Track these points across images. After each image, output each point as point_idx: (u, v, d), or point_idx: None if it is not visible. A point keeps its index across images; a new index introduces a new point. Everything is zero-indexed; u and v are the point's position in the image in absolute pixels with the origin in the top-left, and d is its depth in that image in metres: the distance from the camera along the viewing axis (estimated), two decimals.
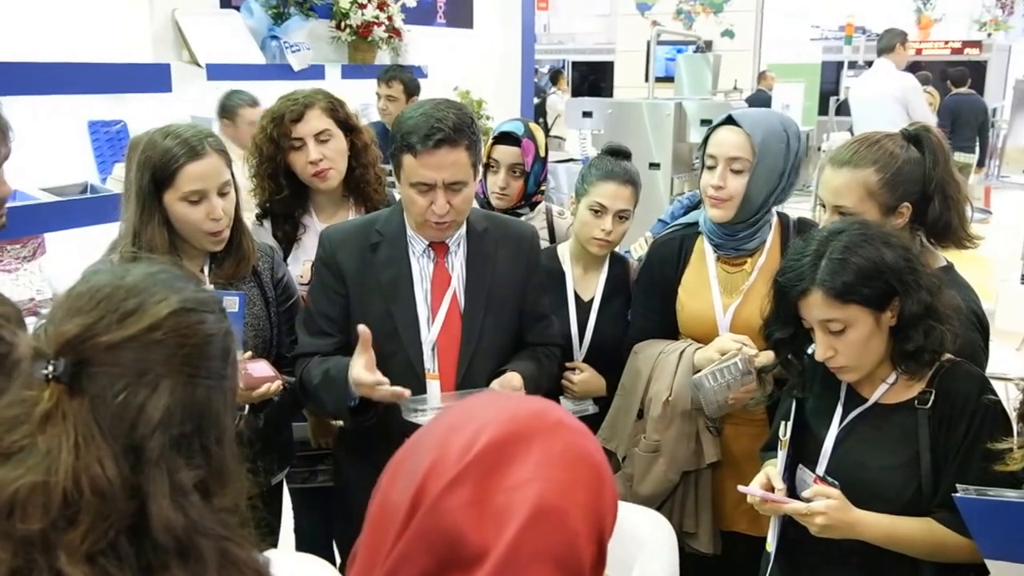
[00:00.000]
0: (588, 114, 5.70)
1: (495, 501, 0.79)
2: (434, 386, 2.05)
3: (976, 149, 9.80)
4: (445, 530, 0.78)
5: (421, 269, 2.08)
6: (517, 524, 0.77)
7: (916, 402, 1.70)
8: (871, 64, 7.04)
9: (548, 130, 11.44)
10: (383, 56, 4.93)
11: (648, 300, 2.35)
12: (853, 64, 10.34)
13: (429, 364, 2.06)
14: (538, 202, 2.77)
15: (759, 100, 9.75)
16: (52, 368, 0.90)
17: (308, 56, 4.25)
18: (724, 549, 2.28)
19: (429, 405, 1.98)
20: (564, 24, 16.67)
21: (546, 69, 14.61)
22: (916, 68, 9.75)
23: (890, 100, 6.40)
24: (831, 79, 11.04)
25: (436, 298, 2.07)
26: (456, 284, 2.09)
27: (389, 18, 4.72)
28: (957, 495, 1.47)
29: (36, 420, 0.90)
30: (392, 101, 4.51)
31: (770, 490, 1.76)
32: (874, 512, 1.67)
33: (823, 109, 9.51)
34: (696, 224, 2.30)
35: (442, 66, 5.29)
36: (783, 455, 1.80)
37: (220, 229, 2.01)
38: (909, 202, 1.91)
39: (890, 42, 6.64)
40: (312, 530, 2.70)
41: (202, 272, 2.07)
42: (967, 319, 1.81)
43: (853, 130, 6.76)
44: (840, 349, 1.68)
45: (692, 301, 2.26)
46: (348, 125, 2.48)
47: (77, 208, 2.80)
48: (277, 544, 2.38)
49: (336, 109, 2.45)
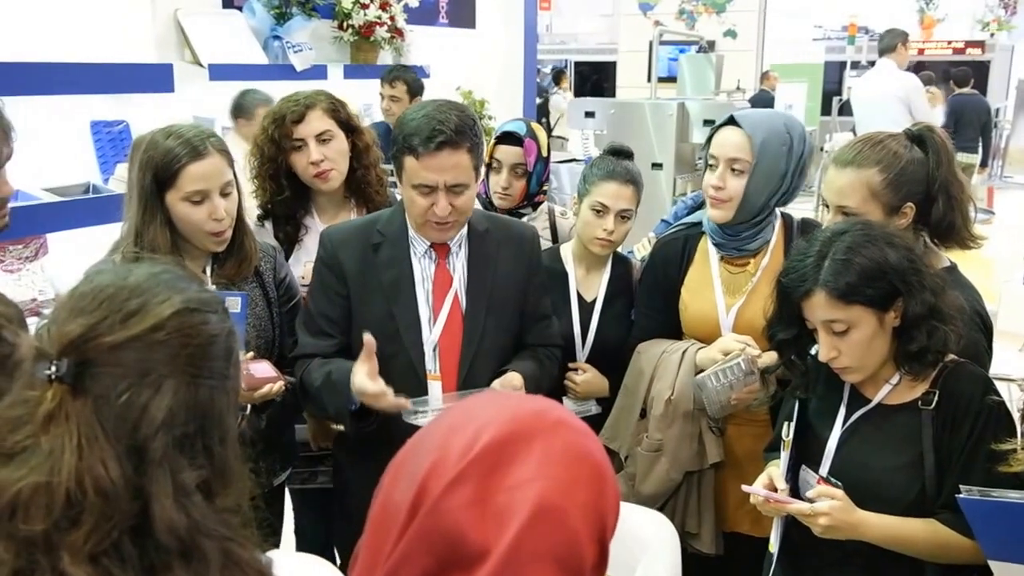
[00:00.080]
0: (591, 114, 5.69)
1: (496, 501, 0.78)
2: (435, 387, 2.05)
3: (979, 149, 9.80)
4: (446, 530, 0.78)
5: (423, 270, 2.07)
6: (518, 524, 0.77)
7: (920, 403, 1.70)
8: (874, 64, 7.03)
9: (551, 130, 11.45)
10: (385, 56, 4.93)
11: (651, 300, 2.35)
12: (856, 64, 10.34)
13: (430, 365, 2.06)
14: (540, 202, 2.77)
15: (762, 100, 9.76)
16: (55, 368, 0.90)
17: (310, 56, 4.25)
18: (726, 550, 2.28)
19: (430, 407, 1.97)
20: (567, 24, 16.67)
21: (548, 69, 14.62)
22: (919, 68, 9.75)
23: (892, 100, 6.39)
24: (834, 79, 11.04)
25: (438, 299, 2.07)
26: (458, 285, 2.08)
27: (391, 18, 4.71)
28: (960, 496, 1.47)
29: (39, 420, 0.90)
30: (395, 101, 4.52)
31: (773, 491, 1.76)
32: (877, 513, 1.67)
33: (826, 109, 9.52)
34: (700, 224, 2.30)
35: (444, 66, 5.29)
36: (786, 455, 1.80)
37: (222, 229, 2.01)
38: (913, 202, 1.91)
39: (891, 42, 6.63)
40: (312, 531, 2.69)
41: (204, 272, 2.07)
42: (971, 320, 1.81)
43: (856, 130, 6.76)
44: (844, 350, 1.68)
45: (695, 301, 2.25)
46: (349, 126, 2.47)
47: (79, 208, 2.80)
48: (279, 544, 2.38)
49: (338, 110, 2.45)
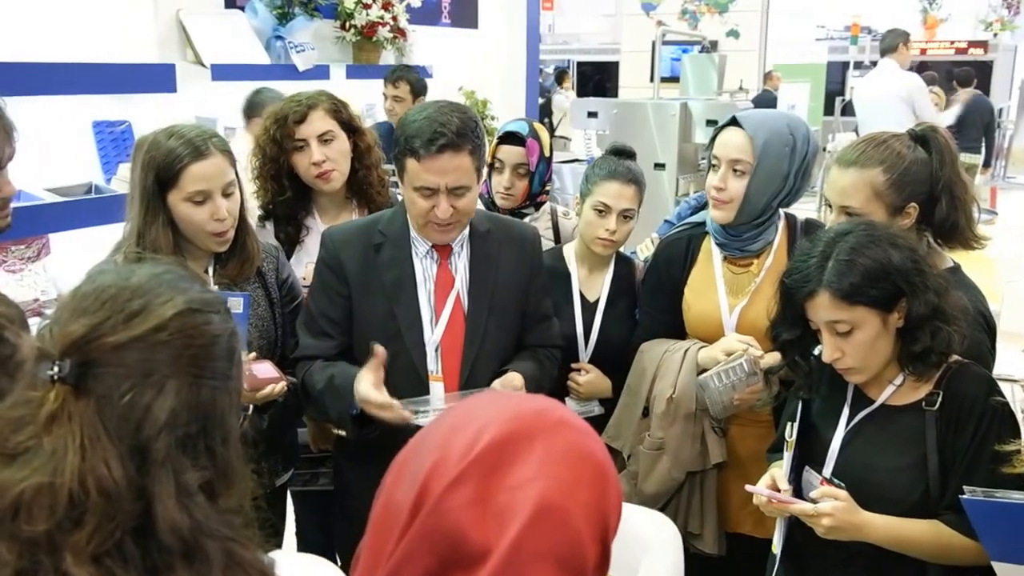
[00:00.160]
0: (593, 114, 5.70)
1: (497, 500, 0.78)
2: (437, 388, 2.04)
3: (982, 150, 9.78)
4: (447, 530, 0.78)
5: (424, 270, 2.07)
6: (519, 524, 0.77)
7: (923, 404, 1.70)
8: (876, 64, 7.03)
9: (553, 130, 11.46)
10: (388, 56, 4.93)
11: (655, 300, 2.35)
12: (859, 64, 10.33)
13: (432, 366, 2.05)
14: (543, 202, 2.77)
15: (765, 100, 9.75)
16: (58, 369, 0.90)
17: (313, 56, 4.25)
18: (729, 550, 2.27)
19: (431, 406, 1.96)
20: (569, 24, 16.66)
21: (551, 69, 14.62)
22: (922, 68, 9.74)
23: (895, 100, 6.39)
24: (836, 79, 11.04)
25: (439, 299, 2.07)
26: (460, 286, 2.08)
27: (394, 18, 4.71)
28: (964, 497, 1.47)
29: (42, 421, 0.90)
30: (399, 101, 4.52)
31: (776, 491, 1.76)
32: (881, 514, 1.66)
33: (828, 109, 9.51)
34: (703, 224, 2.29)
35: (447, 66, 5.29)
36: (789, 456, 1.80)
37: (224, 230, 2.01)
38: (916, 202, 1.90)
39: (893, 42, 6.62)
40: (313, 533, 2.69)
41: (206, 273, 2.06)
42: (974, 320, 1.80)
43: (858, 131, 6.76)
44: (847, 350, 1.67)
45: (698, 301, 2.25)
46: (351, 126, 2.47)
47: (82, 208, 2.80)
48: (281, 545, 2.38)
49: (339, 110, 2.45)
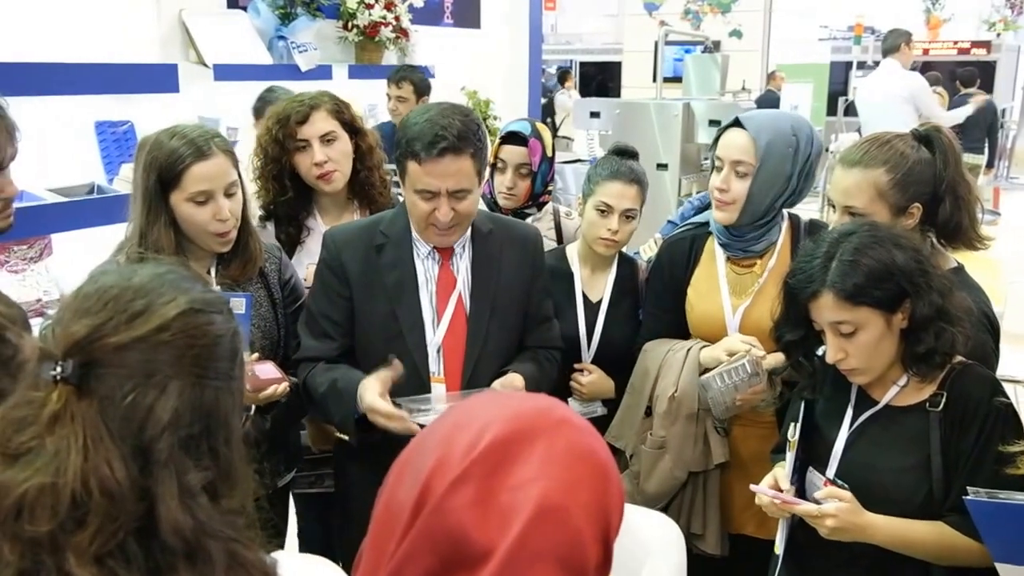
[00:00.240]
0: (596, 114, 5.69)
1: (499, 500, 0.78)
2: (439, 389, 2.04)
3: (985, 150, 9.77)
4: (449, 530, 0.78)
5: (426, 271, 2.07)
6: (520, 523, 0.77)
7: (927, 405, 1.69)
8: (879, 65, 7.02)
9: (556, 130, 11.46)
10: (390, 56, 4.93)
11: (659, 301, 2.34)
12: (862, 64, 10.30)
13: (434, 367, 2.05)
14: (545, 202, 2.76)
15: (768, 100, 9.74)
16: (60, 369, 0.90)
17: (315, 56, 4.25)
18: (731, 551, 2.27)
19: (432, 406, 1.96)
20: (571, 24, 16.66)
21: (553, 69, 14.62)
22: (926, 68, 9.73)
23: (897, 100, 6.38)
24: (840, 79, 11.00)
25: (441, 300, 2.06)
26: (462, 287, 2.08)
27: (396, 18, 4.71)
28: (967, 498, 1.47)
29: (44, 421, 0.90)
30: (402, 102, 4.52)
31: (778, 491, 1.75)
32: (884, 515, 1.66)
33: (832, 110, 9.49)
34: (707, 224, 2.29)
35: (449, 66, 5.29)
36: (791, 456, 1.79)
37: (227, 230, 2.00)
38: (920, 203, 1.90)
39: (895, 42, 6.61)
40: (315, 533, 2.69)
41: (209, 273, 2.06)
42: (978, 321, 1.80)
43: (861, 131, 6.74)
44: (851, 351, 1.67)
45: (701, 302, 2.25)
46: (353, 127, 2.47)
47: (84, 209, 2.80)
48: (284, 546, 2.38)
49: (342, 111, 2.45)
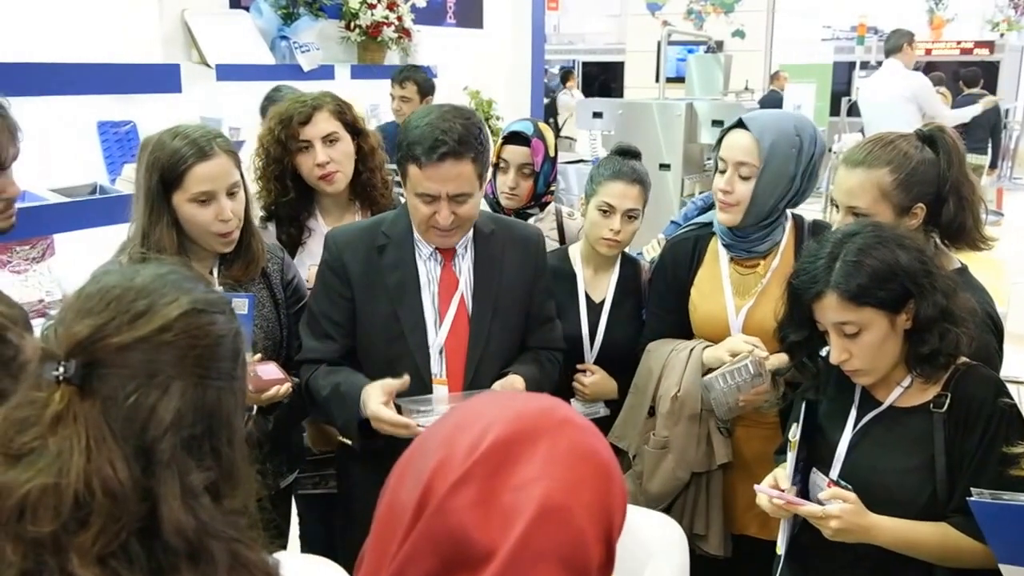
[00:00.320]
0: (598, 115, 5.67)
1: (501, 501, 0.78)
2: (441, 390, 2.04)
3: (988, 151, 9.76)
4: (451, 530, 0.78)
5: (428, 272, 2.07)
6: (523, 524, 0.77)
7: (931, 406, 1.69)
8: (882, 65, 7.01)
9: (559, 130, 11.46)
10: (393, 56, 4.93)
11: (662, 301, 2.34)
12: (865, 64, 10.30)
13: (436, 368, 2.05)
14: (548, 202, 2.76)
15: (772, 101, 9.73)
16: (63, 370, 0.90)
17: (318, 56, 4.25)
18: (734, 552, 2.27)
19: (433, 407, 1.96)
20: (574, 24, 16.68)
21: (556, 69, 14.63)
22: (929, 69, 9.71)
23: (900, 101, 6.37)
24: (843, 80, 11.00)
25: (443, 301, 2.06)
26: (464, 288, 2.07)
27: (399, 18, 4.71)
28: (971, 499, 1.46)
29: (47, 422, 0.89)
30: (406, 102, 4.51)
31: (780, 492, 1.75)
32: (888, 516, 1.65)
33: (835, 110, 9.49)
34: (710, 224, 2.29)
35: (452, 66, 5.29)
36: (792, 456, 1.78)
37: (229, 230, 2.00)
38: (923, 203, 1.90)
39: (897, 43, 6.60)
40: (317, 534, 2.68)
41: (211, 274, 2.06)
42: (982, 322, 1.79)
43: (864, 132, 6.74)
44: (855, 352, 1.67)
45: (705, 302, 2.24)
46: (355, 128, 2.47)
47: (86, 209, 2.80)
48: (286, 546, 2.38)
49: (344, 112, 2.45)
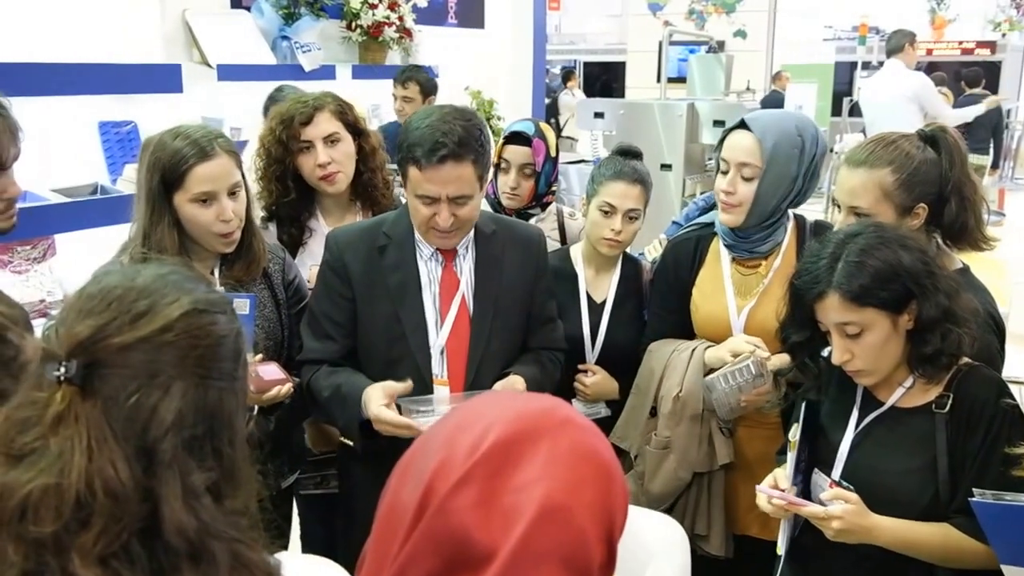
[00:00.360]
0: (600, 115, 5.68)
1: (502, 501, 0.78)
2: (442, 391, 2.04)
3: (990, 151, 9.75)
4: (452, 531, 0.78)
5: (429, 272, 2.06)
6: (524, 524, 0.76)
7: (933, 406, 1.69)
8: (883, 65, 7.01)
9: (560, 130, 11.45)
10: (394, 56, 4.93)
11: (664, 301, 2.34)
12: (867, 64, 10.29)
13: (437, 369, 2.05)
14: (549, 202, 2.76)
15: (774, 101, 9.73)
16: (64, 370, 0.89)
17: (319, 56, 4.25)
18: (736, 552, 2.27)
19: (434, 407, 1.96)
20: (575, 24, 16.68)
21: (557, 69, 14.63)
22: (931, 69, 9.71)
23: (902, 101, 6.37)
24: (844, 80, 11.00)
25: (445, 302, 2.06)
26: (465, 288, 2.07)
27: (400, 18, 4.71)
28: (973, 499, 1.46)
29: (48, 422, 0.89)
30: (408, 102, 4.50)
31: (780, 492, 1.75)
32: (890, 517, 1.65)
33: (836, 110, 9.48)
34: (712, 225, 2.29)
35: (453, 66, 5.29)
36: (792, 456, 1.78)
37: (230, 230, 2.00)
38: (925, 203, 1.89)
39: (899, 43, 6.60)
40: (318, 534, 2.68)
41: (212, 274, 2.06)
42: (984, 322, 1.79)
43: (866, 132, 6.73)
44: (857, 352, 1.67)
45: (706, 302, 2.24)
46: (356, 129, 2.47)
47: (87, 209, 2.80)
48: (288, 547, 2.37)
49: (345, 112, 2.45)
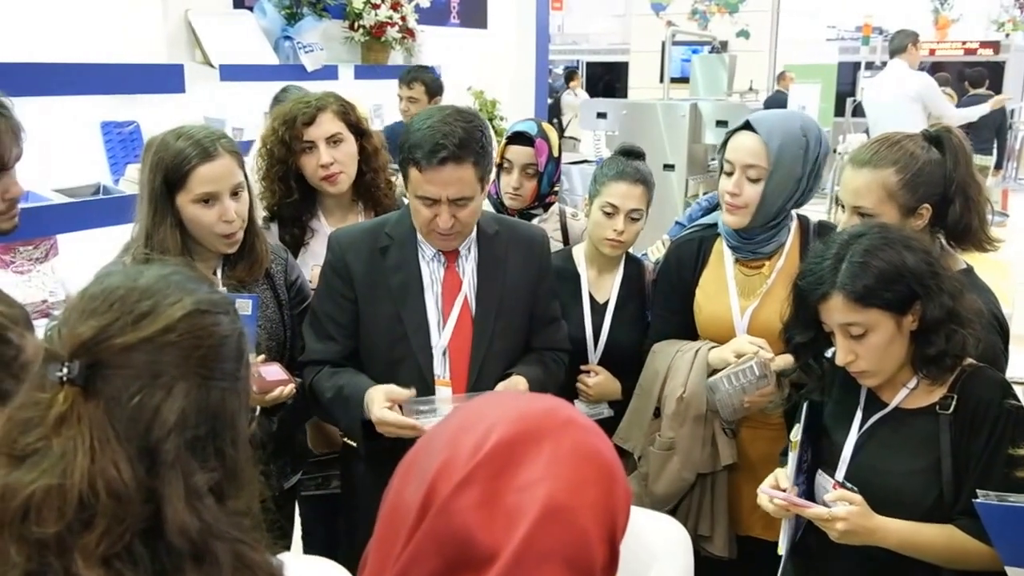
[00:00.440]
0: (602, 115, 5.67)
1: (505, 501, 0.78)
2: (444, 392, 2.04)
3: (994, 151, 9.73)
4: (455, 531, 0.78)
5: (431, 273, 2.06)
6: (527, 524, 0.76)
7: (937, 407, 1.68)
8: (886, 65, 7.00)
9: (563, 131, 11.44)
10: (396, 56, 4.93)
11: (667, 302, 2.34)
12: (870, 65, 10.27)
13: (439, 369, 2.05)
14: (551, 203, 2.76)
15: (777, 101, 9.72)
16: (67, 370, 0.89)
17: (321, 56, 4.25)
18: (739, 553, 2.26)
19: (437, 408, 1.96)
20: (578, 24, 16.67)
21: (560, 69, 14.63)
22: (935, 69, 9.69)
23: (905, 101, 6.36)
24: (847, 80, 10.97)
25: (447, 303, 2.06)
26: (467, 289, 2.07)
27: (403, 18, 4.72)
28: (977, 500, 1.46)
29: (50, 423, 0.89)
30: (414, 102, 4.48)
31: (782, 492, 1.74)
32: (894, 518, 1.65)
33: (839, 110, 9.46)
34: (715, 225, 2.28)
35: (456, 66, 5.29)
36: (793, 456, 1.78)
37: (233, 231, 2.00)
38: (929, 203, 1.89)
39: (902, 43, 6.59)
40: (320, 534, 2.68)
41: (215, 274, 2.06)
42: (988, 323, 1.79)
43: (869, 132, 6.72)
44: (861, 353, 1.66)
45: (709, 303, 2.24)
46: (359, 129, 2.47)
47: (90, 209, 2.81)
48: (290, 547, 2.37)
49: (348, 112, 2.45)
